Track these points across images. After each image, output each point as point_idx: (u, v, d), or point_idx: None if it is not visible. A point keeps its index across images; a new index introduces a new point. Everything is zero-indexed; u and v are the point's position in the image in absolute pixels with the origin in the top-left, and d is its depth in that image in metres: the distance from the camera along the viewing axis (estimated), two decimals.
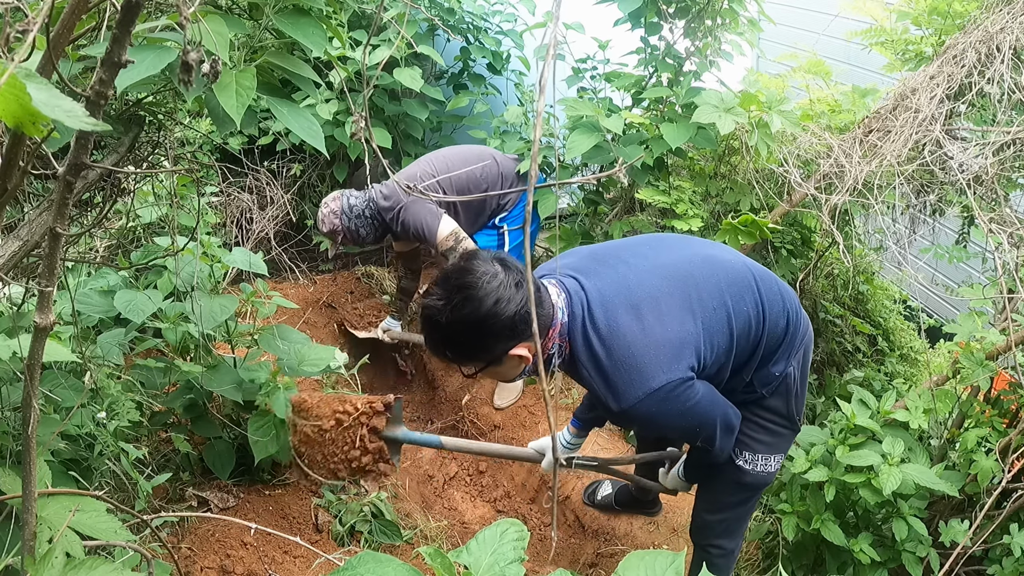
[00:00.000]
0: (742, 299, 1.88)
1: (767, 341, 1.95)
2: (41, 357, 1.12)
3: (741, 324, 1.87)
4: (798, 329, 2.03)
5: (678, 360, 1.74)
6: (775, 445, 2.14)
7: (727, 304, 1.85)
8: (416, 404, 4.14)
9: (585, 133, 3.21)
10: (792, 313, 2.01)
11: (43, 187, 2.01)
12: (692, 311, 1.81)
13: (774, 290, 1.98)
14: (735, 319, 1.86)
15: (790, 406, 2.10)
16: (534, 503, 3.41)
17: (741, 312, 1.87)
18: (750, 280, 1.92)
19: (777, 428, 2.12)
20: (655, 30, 3.39)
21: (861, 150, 2.93)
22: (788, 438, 2.17)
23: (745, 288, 1.90)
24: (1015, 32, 2.71)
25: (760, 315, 1.91)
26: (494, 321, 1.60)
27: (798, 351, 2.05)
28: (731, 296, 1.86)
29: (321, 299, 4.49)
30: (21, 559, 1.25)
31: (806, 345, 2.10)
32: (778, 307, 1.96)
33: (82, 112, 0.78)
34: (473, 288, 1.60)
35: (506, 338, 1.64)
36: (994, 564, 2.25)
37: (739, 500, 2.28)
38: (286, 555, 2.52)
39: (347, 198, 3.44)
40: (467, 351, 1.70)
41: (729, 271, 1.91)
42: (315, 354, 2.64)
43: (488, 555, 1.13)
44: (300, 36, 1.55)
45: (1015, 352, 2.27)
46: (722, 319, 1.84)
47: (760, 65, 4.59)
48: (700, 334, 1.81)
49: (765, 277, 1.99)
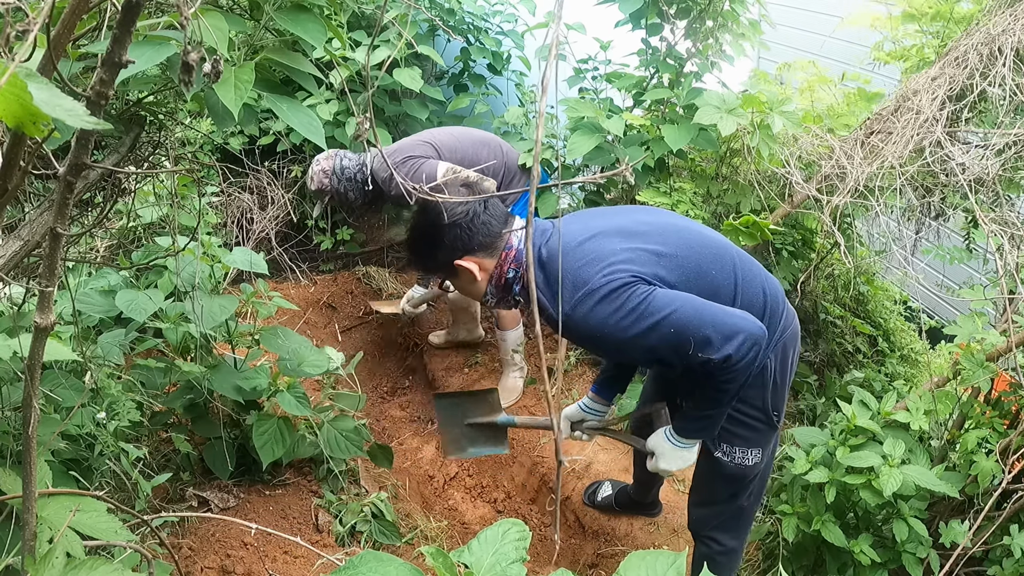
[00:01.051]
0: (712, 264, 1.91)
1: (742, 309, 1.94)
2: (41, 357, 1.12)
3: (706, 283, 1.88)
4: (776, 318, 2.02)
5: (620, 267, 1.78)
6: (752, 440, 2.13)
7: (695, 261, 1.88)
8: (416, 404, 4.14)
9: (586, 134, 3.21)
10: (771, 300, 2.01)
11: (44, 187, 2.01)
12: (657, 251, 1.86)
13: (755, 275, 2.00)
14: (700, 277, 1.87)
15: (766, 400, 2.08)
16: (535, 503, 3.41)
17: (707, 274, 1.89)
18: (729, 256, 1.96)
19: (753, 423, 2.11)
20: (656, 31, 3.39)
21: (863, 152, 2.93)
22: (766, 434, 2.16)
23: (719, 258, 1.93)
24: (1017, 34, 2.71)
25: (733, 288, 1.92)
26: (436, 230, 1.86)
27: (776, 342, 2.03)
28: (701, 258, 1.90)
29: (321, 299, 4.49)
30: (21, 559, 1.25)
31: (787, 340, 2.07)
32: (754, 289, 1.97)
33: (83, 111, 0.78)
34: (427, 204, 1.87)
35: (449, 248, 1.87)
36: (994, 565, 2.25)
37: (726, 494, 2.27)
38: (286, 555, 2.52)
39: (340, 159, 3.40)
40: (422, 257, 1.98)
41: (708, 242, 1.96)
42: (315, 356, 2.64)
43: (490, 555, 1.13)
44: (300, 32, 1.54)
45: (1016, 353, 2.27)
46: (687, 268, 1.86)
47: (763, 66, 4.58)
48: (657, 262, 1.84)
49: (748, 263, 2.01)
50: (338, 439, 2.74)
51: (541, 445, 3.47)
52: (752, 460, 2.18)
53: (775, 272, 3.25)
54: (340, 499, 2.84)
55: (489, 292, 1.96)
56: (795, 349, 2.13)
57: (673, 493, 3.16)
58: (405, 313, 3.91)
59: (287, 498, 2.76)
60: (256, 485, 2.78)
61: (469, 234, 1.87)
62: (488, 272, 1.92)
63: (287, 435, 2.58)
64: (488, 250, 1.90)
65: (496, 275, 1.93)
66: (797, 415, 3.60)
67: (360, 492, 2.96)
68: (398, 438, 3.82)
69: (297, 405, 2.54)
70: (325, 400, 2.84)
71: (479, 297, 1.99)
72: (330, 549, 2.61)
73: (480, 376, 3.94)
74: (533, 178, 0.88)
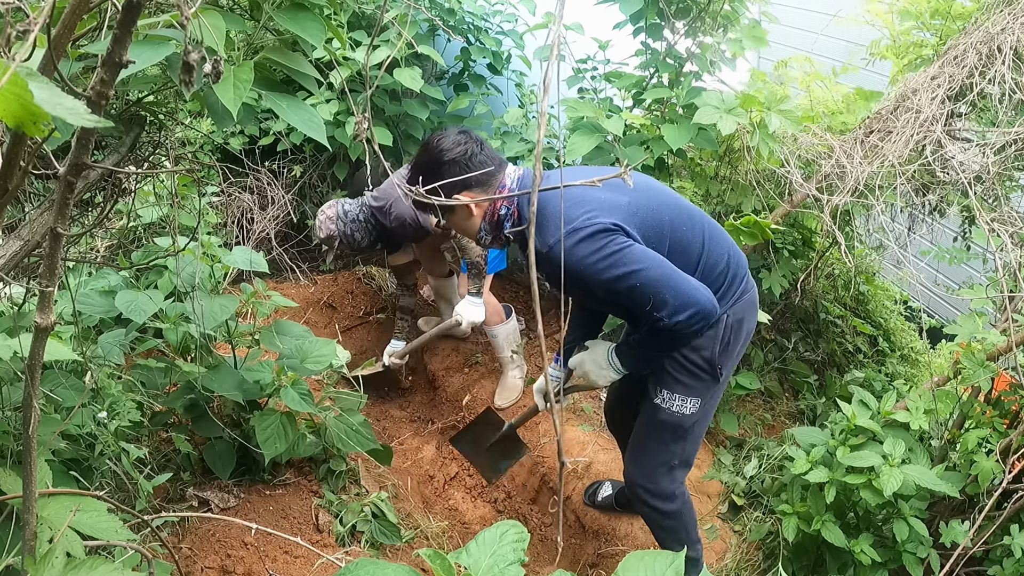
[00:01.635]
0: (683, 223, 2.08)
1: (703, 269, 2.10)
2: (42, 357, 1.12)
3: (677, 239, 2.06)
4: (737, 282, 2.18)
5: (602, 213, 1.93)
6: (693, 388, 2.22)
7: (668, 217, 2.05)
8: (416, 404, 4.14)
9: (586, 134, 3.21)
10: (733, 264, 2.17)
11: (44, 187, 2.01)
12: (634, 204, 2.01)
13: (721, 241, 2.17)
14: (673, 231, 2.05)
15: (714, 351, 2.18)
16: (535, 503, 3.41)
17: (679, 230, 2.07)
18: (699, 220, 2.14)
19: (697, 371, 2.20)
20: (656, 31, 3.39)
21: (862, 151, 2.93)
22: (708, 385, 2.24)
23: (691, 219, 2.11)
24: (1016, 33, 2.71)
25: (700, 246, 2.10)
26: (436, 166, 1.99)
27: (734, 301, 2.18)
28: (675, 216, 2.07)
29: (322, 299, 4.49)
30: (21, 559, 1.25)
31: (744, 306, 2.21)
32: (719, 252, 2.14)
33: (84, 109, 0.78)
34: (426, 144, 2.05)
35: (448, 184, 1.93)
36: (995, 565, 2.25)
37: (658, 442, 2.35)
38: (287, 555, 2.52)
39: (342, 204, 3.45)
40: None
41: (682, 204, 2.14)
42: (317, 349, 2.64)
43: (488, 556, 1.13)
44: (300, 31, 1.54)
45: (1016, 353, 2.27)
46: (661, 223, 2.03)
47: (761, 65, 4.58)
48: (632, 214, 1.98)
49: (716, 230, 2.19)
50: (348, 433, 2.74)
51: (541, 445, 3.47)
52: (689, 409, 2.25)
53: (775, 271, 3.25)
54: (340, 499, 2.84)
55: (483, 228, 2.10)
56: (750, 318, 2.26)
57: None
58: (391, 367, 3.91)
59: (287, 498, 2.76)
60: (256, 485, 2.78)
61: (467, 170, 1.99)
62: (483, 208, 2.06)
63: (290, 431, 2.57)
64: (483, 187, 2.03)
65: (489, 212, 2.07)
66: (797, 415, 3.60)
67: (360, 492, 2.96)
68: (398, 438, 3.82)
69: (300, 401, 2.53)
70: (326, 400, 2.84)
71: (474, 234, 2.12)
72: (330, 549, 2.61)
73: (480, 376, 3.94)
74: (535, 179, 0.88)
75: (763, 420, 3.52)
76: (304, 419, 2.79)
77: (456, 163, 1.99)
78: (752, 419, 3.49)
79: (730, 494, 3.12)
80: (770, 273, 3.25)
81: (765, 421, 3.52)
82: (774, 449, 3.21)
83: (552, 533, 3.29)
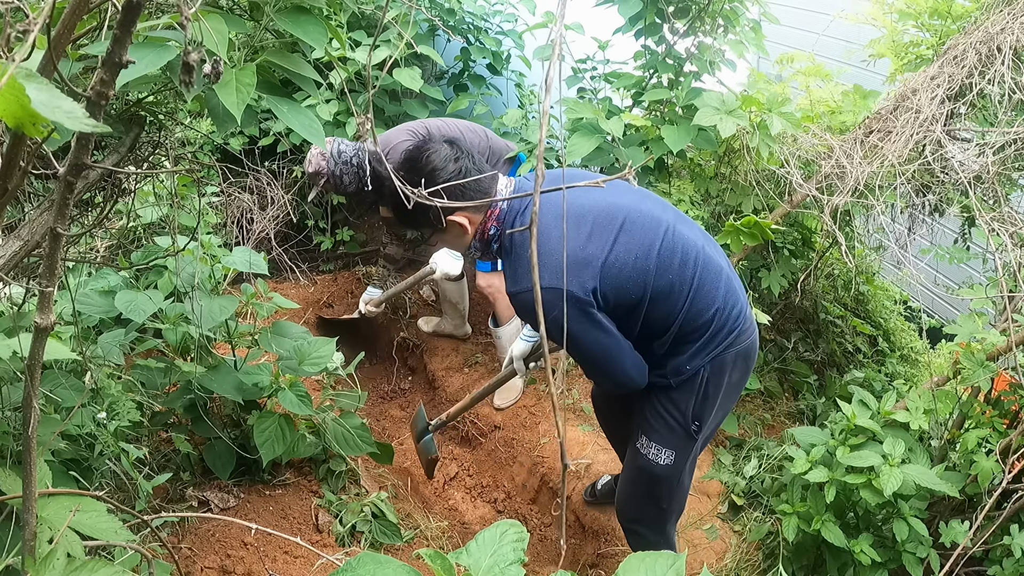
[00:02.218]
0: (672, 268, 1.97)
1: (684, 320, 2.01)
2: (41, 357, 1.12)
3: (661, 286, 1.96)
4: (724, 333, 2.06)
5: (575, 276, 1.87)
6: (666, 440, 2.18)
7: (655, 264, 1.94)
8: (416, 404, 4.14)
9: (586, 135, 3.21)
10: (722, 316, 2.05)
11: (44, 187, 2.00)
12: (613, 243, 1.91)
13: (712, 290, 2.03)
14: (657, 279, 1.95)
15: (690, 407, 2.13)
16: (535, 503, 3.41)
17: (665, 276, 1.96)
18: (694, 263, 2.00)
19: (672, 423, 2.15)
20: (656, 31, 3.39)
21: (862, 151, 2.93)
22: (682, 439, 2.18)
23: (682, 266, 1.98)
24: (1015, 32, 2.71)
25: (687, 294, 1.99)
26: (430, 186, 1.79)
27: (716, 351, 2.07)
28: (663, 262, 1.96)
29: (321, 299, 4.49)
30: (21, 559, 1.25)
31: (727, 358, 2.09)
32: (706, 301, 2.02)
33: (82, 113, 0.78)
34: (417, 160, 1.92)
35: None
36: (994, 565, 2.25)
37: (637, 486, 2.34)
38: (286, 555, 2.52)
39: (338, 143, 3.45)
40: (415, 213, 1.87)
41: (680, 246, 1.99)
42: (316, 351, 2.64)
43: (488, 556, 1.13)
44: (300, 34, 1.54)
45: (1016, 353, 2.27)
46: (643, 271, 1.93)
47: (761, 65, 4.59)
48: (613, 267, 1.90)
49: (711, 275, 2.03)
50: (346, 436, 2.74)
51: (541, 445, 3.47)
52: (664, 460, 2.20)
53: (775, 271, 3.24)
54: (340, 499, 2.84)
55: (473, 246, 2.05)
56: (738, 369, 2.15)
57: None
58: (367, 315, 3.86)
59: (287, 498, 2.76)
60: (256, 485, 2.78)
61: (462, 191, 1.92)
62: (475, 226, 1.99)
63: (288, 433, 2.58)
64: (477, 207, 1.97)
65: (480, 230, 2.00)
66: (797, 415, 3.60)
67: (360, 492, 2.96)
68: (398, 438, 3.82)
69: (299, 403, 2.54)
70: (325, 400, 2.84)
71: (464, 250, 2.08)
72: (330, 549, 2.61)
73: (480, 376, 3.94)
74: (537, 179, 0.88)
75: (763, 420, 3.52)
76: (303, 420, 2.79)
77: (449, 183, 1.91)
78: (752, 419, 3.49)
79: (730, 494, 3.12)
80: (770, 273, 3.25)
81: (765, 421, 3.52)
82: (774, 449, 3.21)
83: (552, 533, 3.29)
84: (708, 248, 2.07)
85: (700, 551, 2.92)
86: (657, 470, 2.22)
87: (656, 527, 2.40)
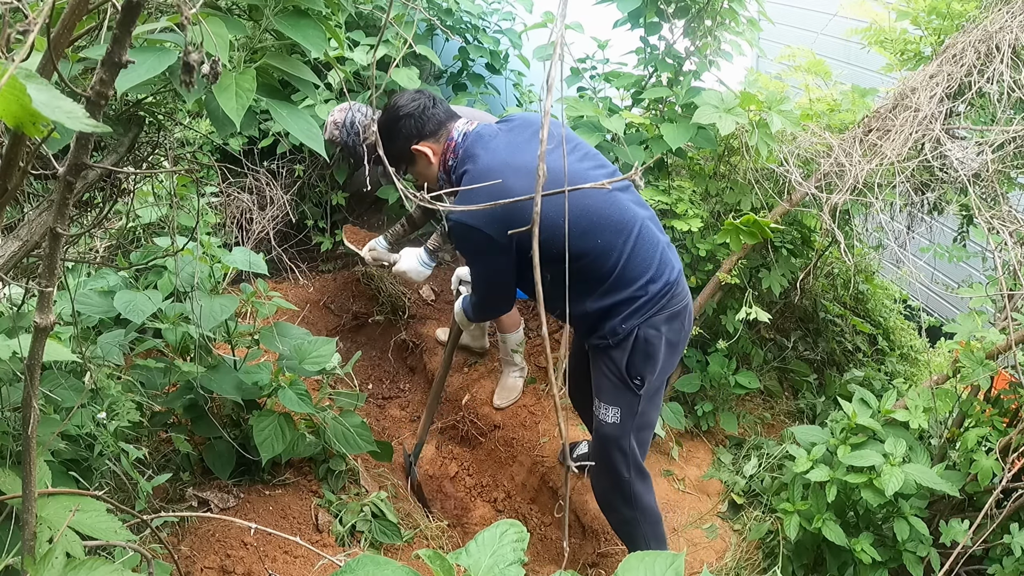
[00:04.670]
0: (601, 233, 2.17)
1: (616, 281, 2.20)
2: (41, 357, 1.12)
3: (591, 247, 2.17)
4: (656, 298, 2.24)
5: (503, 223, 2.08)
6: (613, 396, 2.34)
7: (584, 228, 2.15)
8: (416, 404, 4.14)
9: (586, 133, 3.21)
10: (657, 285, 2.24)
11: (43, 187, 2.00)
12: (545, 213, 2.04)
13: (647, 258, 2.23)
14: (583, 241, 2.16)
15: (625, 361, 2.29)
16: (534, 503, 3.41)
17: (593, 240, 2.16)
18: (629, 232, 2.20)
19: (614, 379, 2.32)
20: (655, 30, 3.39)
21: (861, 149, 2.93)
22: (626, 395, 2.33)
23: (615, 233, 2.18)
24: (1014, 31, 2.71)
25: (616, 256, 2.19)
26: (392, 121, 2.25)
27: (647, 315, 2.24)
28: (592, 226, 2.16)
29: (321, 299, 4.49)
30: (21, 559, 1.25)
31: (667, 318, 2.27)
32: (644, 265, 2.22)
33: (82, 113, 0.78)
34: (387, 105, 2.30)
35: (403, 135, 2.24)
36: (994, 564, 2.25)
37: (599, 455, 2.46)
38: (286, 555, 2.52)
39: (352, 112, 3.46)
40: (386, 149, 2.24)
41: (615, 215, 2.18)
42: (316, 350, 2.64)
43: (488, 557, 1.13)
44: (300, 37, 1.55)
45: (1015, 351, 2.27)
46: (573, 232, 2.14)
47: (760, 64, 4.58)
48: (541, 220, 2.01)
49: (647, 244, 2.23)
50: (347, 434, 2.74)
51: (541, 445, 3.47)
52: (611, 419, 2.36)
53: (775, 270, 3.24)
54: (340, 499, 2.84)
55: (440, 177, 2.32)
56: (673, 330, 2.32)
57: (673, 492, 3.17)
58: (365, 260, 3.82)
59: (287, 498, 2.76)
60: (256, 485, 2.78)
61: (421, 122, 2.24)
62: (439, 156, 2.29)
63: (287, 432, 2.58)
64: (436, 137, 2.27)
65: (442, 161, 2.29)
66: (796, 414, 3.60)
67: (360, 492, 2.96)
68: (398, 438, 3.82)
69: (299, 402, 2.54)
70: (324, 399, 2.84)
71: (434, 181, 2.35)
72: (330, 549, 2.61)
73: (480, 376, 3.94)
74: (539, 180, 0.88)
75: (762, 419, 3.52)
76: (303, 419, 2.79)
77: (411, 116, 2.23)
78: (751, 418, 3.50)
79: (730, 493, 3.12)
80: (769, 272, 3.25)
81: (764, 420, 3.52)
82: (773, 448, 3.21)
83: (552, 532, 3.29)
84: (648, 221, 2.28)
85: (700, 550, 2.92)
86: (607, 429, 2.37)
87: (629, 501, 2.48)
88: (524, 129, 2.26)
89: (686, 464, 3.30)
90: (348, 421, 2.76)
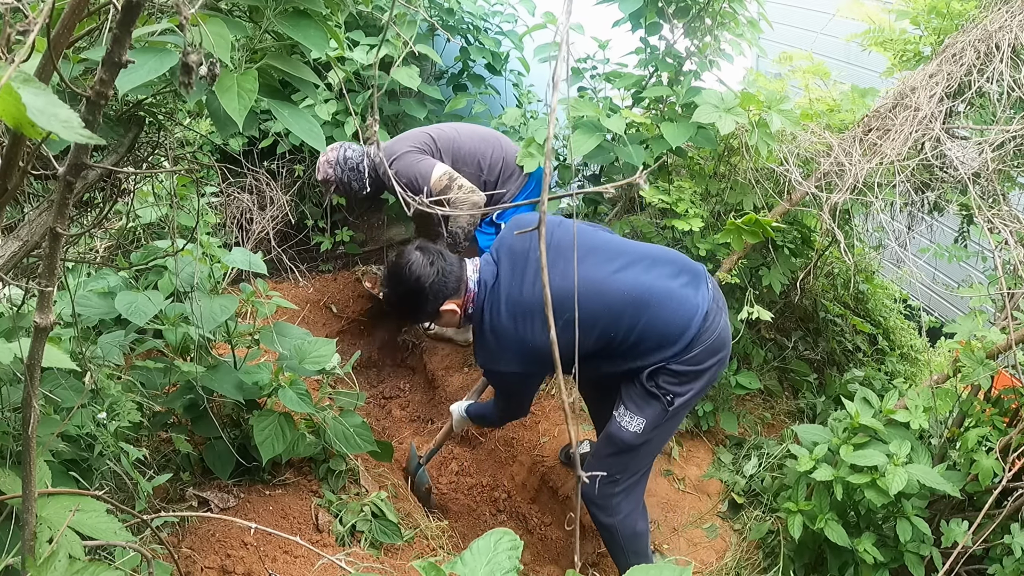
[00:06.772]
0: (618, 325, 2.27)
1: (640, 351, 2.30)
2: (41, 357, 1.12)
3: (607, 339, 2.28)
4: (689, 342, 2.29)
5: (526, 362, 2.32)
6: (643, 408, 2.37)
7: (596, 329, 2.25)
8: (416, 404, 4.14)
9: (587, 133, 3.21)
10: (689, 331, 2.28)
11: (43, 187, 2.00)
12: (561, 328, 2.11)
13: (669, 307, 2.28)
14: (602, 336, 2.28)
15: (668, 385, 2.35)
16: (535, 503, 3.41)
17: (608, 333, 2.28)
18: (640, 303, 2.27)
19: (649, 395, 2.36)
20: (655, 30, 3.39)
21: (861, 149, 2.93)
22: (656, 410, 2.35)
23: (628, 317, 2.27)
24: (1014, 30, 2.71)
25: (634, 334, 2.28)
26: (418, 292, 2.27)
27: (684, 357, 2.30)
28: (603, 326, 2.26)
29: (321, 299, 4.49)
30: (21, 559, 1.25)
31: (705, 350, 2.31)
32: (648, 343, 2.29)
33: (78, 122, 0.78)
34: (401, 275, 2.29)
35: (431, 300, 2.29)
36: (995, 564, 2.25)
37: (599, 450, 2.53)
38: (286, 555, 2.52)
39: (344, 150, 3.51)
40: (411, 314, 2.42)
41: (616, 300, 2.26)
42: (315, 350, 2.64)
43: (483, 565, 1.13)
44: (300, 38, 1.55)
45: (1015, 351, 2.27)
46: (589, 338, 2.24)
47: (760, 65, 4.58)
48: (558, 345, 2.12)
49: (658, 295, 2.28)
50: (347, 434, 2.74)
51: (541, 445, 3.47)
52: (633, 427, 2.37)
53: (775, 269, 3.24)
54: (340, 498, 2.83)
55: (462, 321, 2.42)
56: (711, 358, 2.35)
57: (673, 492, 3.17)
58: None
59: (287, 498, 2.76)
60: (256, 485, 2.78)
61: (444, 285, 2.28)
62: (462, 307, 2.36)
63: (288, 431, 2.57)
64: (457, 292, 2.33)
65: (464, 309, 2.37)
66: (797, 413, 3.60)
67: (360, 491, 2.96)
68: (398, 438, 3.82)
69: (299, 401, 2.54)
70: (324, 399, 2.84)
71: (457, 326, 2.46)
72: (330, 549, 2.61)
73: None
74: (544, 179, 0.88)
75: (763, 419, 3.52)
76: (303, 419, 2.79)
77: (434, 285, 2.26)
78: (752, 418, 3.50)
79: (730, 493, 3.12)
80: (770, 271, 3.25)
81: (764, 420, 3.52)
82: (774, 448, 3.21)
83: (552, 532, 3.29)
84: (657, 281, 2.31)
85: (700, 550, 2.92)
86: (624, 435, 2.39)
87: (607, 505, 2.51)
88: (520, 257, 2.32)
89: (686, 464, 3.30)
90: (348, 421, 2.76)
